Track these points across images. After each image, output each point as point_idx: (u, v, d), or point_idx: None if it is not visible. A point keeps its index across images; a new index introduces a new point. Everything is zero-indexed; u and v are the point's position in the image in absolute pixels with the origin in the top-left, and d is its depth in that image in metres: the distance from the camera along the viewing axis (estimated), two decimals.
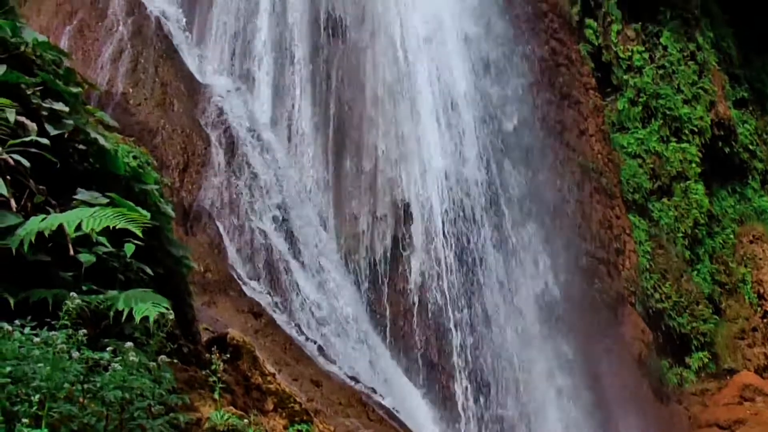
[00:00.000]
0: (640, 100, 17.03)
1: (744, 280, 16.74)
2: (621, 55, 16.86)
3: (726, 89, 18.11)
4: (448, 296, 12.34)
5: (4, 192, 3.38)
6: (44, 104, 4.21)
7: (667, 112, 17.04)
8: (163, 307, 3.34)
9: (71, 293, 3.15)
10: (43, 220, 3.28)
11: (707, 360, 15.57)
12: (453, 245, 12.70)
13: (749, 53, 19.12)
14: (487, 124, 13.87)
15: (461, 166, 13.37)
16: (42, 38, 4.77)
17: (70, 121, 4.32)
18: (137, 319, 3.29)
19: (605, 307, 14.49)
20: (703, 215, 16.63)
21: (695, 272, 16.46)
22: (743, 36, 18.83)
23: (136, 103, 12.35)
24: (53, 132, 4.06)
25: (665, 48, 17.40)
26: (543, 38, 14.82)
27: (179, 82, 12.71)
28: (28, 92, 4.21)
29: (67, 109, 4.33)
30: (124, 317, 3.35)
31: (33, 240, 3.17)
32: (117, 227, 3.28)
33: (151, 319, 3.27)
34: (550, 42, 14.93)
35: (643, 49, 17.15)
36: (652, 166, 16.80)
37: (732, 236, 17.16)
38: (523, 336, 12.64)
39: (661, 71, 17.25)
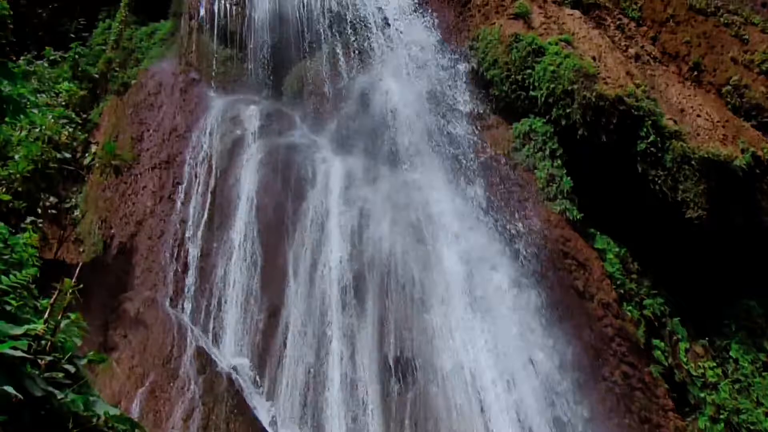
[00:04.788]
0: (721, 417, 16.98)
1: None
2: (693, 372, 17.14)
3: None
4: None
5: None
6: None
7: (751, 427, 16.90)
8: None
9: None
10: None
11: None
12: None
13: None
14: None
15: None
16: (114, 411, 5.20)
17: None
18: None
19: None
20: None
21: None
22: None
23: None
24: None
25: (736, 361, 17.74)
26: (613, 363, 15.23)
27: None
28: None
29: None
30: None
31: None
32: None
33: None
34: (621, 366, 15.31)
35: (715, 364, 17.48)
36: None
37: None
38: None
39: (737, 386, 17.41)
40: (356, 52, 18.63)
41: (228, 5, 19.97)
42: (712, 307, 17.72)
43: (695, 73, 19.83)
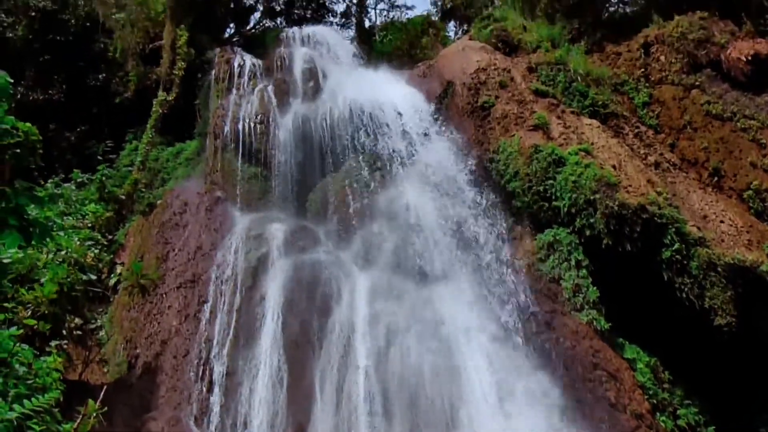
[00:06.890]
0: None
1: None
2: None
3: None
4: None
5: None
6: None
7: None
8: None
9: None
10: None
11: None
12: None
13: None
14: None
15: None
16: None
17: None
18: None
19: None
20: None
21: None
22: None
23: None
24: None
25: None
26: None
27: None
28: None
29: None
30: None
31: None
32: None
33: None
34: None
35: None
36: None
37: None
38: None
39: None
40: (378, 167, 19.06)
41: (252, 124, 20.60)
42: (746, 415, 17.39)
43: (715, 178, 20.06)
